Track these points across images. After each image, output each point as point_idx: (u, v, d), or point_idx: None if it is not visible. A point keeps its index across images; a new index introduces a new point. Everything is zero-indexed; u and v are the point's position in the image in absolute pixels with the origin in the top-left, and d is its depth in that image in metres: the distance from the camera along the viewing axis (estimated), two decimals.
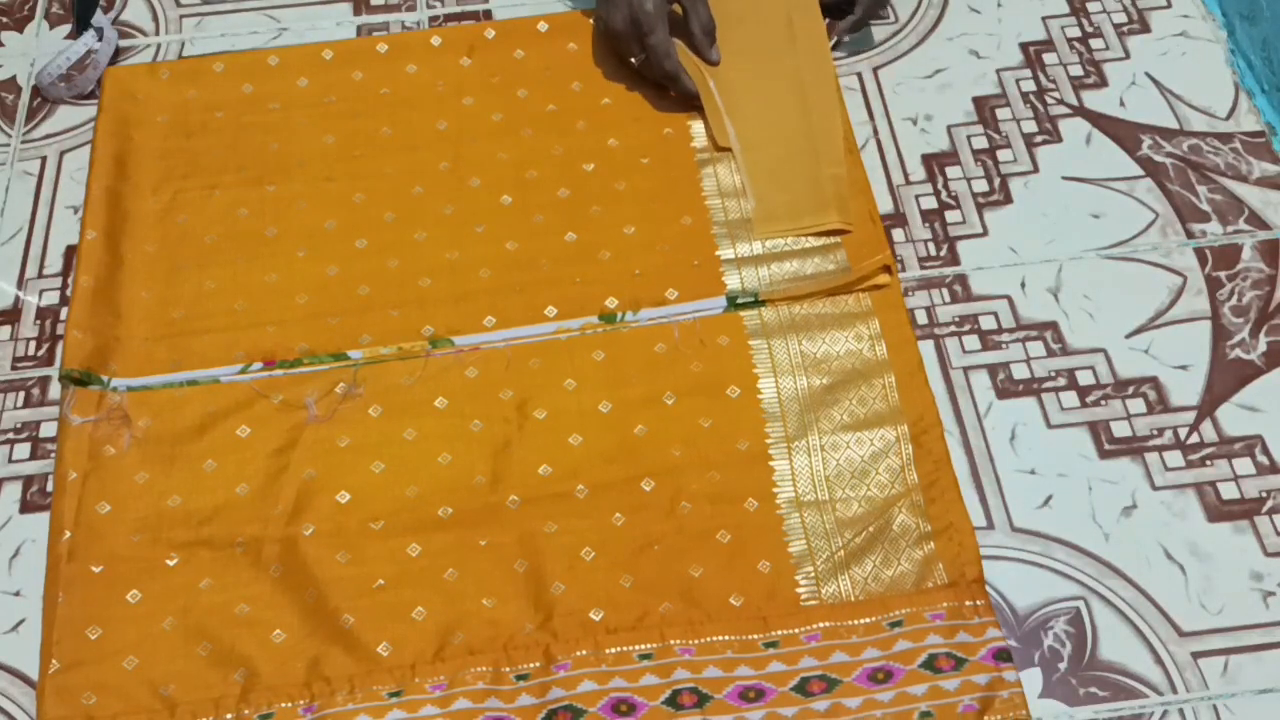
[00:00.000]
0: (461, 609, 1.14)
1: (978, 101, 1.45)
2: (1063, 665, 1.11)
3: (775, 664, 1.11)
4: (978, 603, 1.14)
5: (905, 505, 1.19)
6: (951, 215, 1.36)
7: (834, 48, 1.48)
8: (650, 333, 1.28)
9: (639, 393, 1.25)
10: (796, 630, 1.13)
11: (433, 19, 1.54)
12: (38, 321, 1.32)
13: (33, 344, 1.31)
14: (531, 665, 1.11)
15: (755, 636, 1.13)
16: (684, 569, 1.16)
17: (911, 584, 1.15)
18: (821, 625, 1.13)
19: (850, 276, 1.29)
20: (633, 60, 1.43)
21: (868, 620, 1.13)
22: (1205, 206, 1.36)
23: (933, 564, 1.16)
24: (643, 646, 1.12)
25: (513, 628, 1.13)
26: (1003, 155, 1.41)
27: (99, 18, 1.51)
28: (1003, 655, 1.10)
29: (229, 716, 1.09)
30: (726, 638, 1.13)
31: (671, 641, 1.12)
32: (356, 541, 1.17)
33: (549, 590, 1.15)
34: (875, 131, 1.43)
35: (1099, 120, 1.43)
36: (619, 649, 1.12)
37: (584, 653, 1.11)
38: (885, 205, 1.37)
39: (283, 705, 1.09)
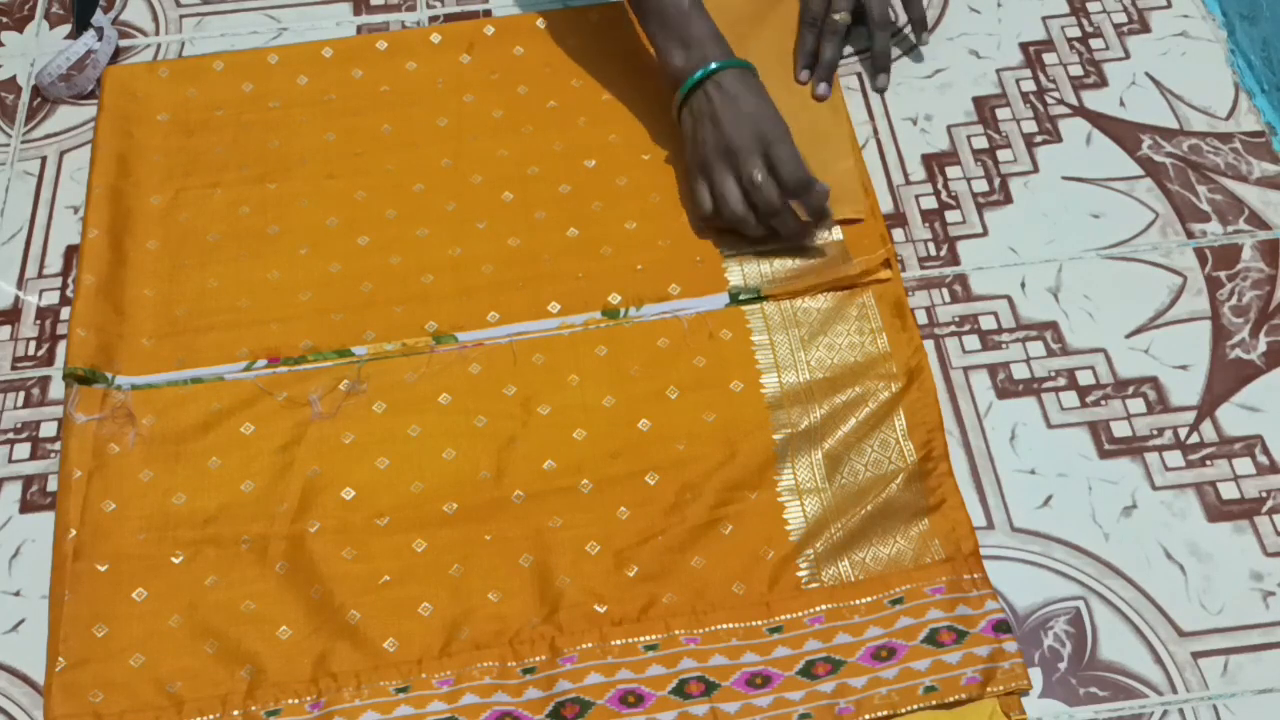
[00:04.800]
0: (467, 604, 1.14)
1: (978, 101, 1.45)
2: (1063, 665, 1.11)
3: (780, 649, 1.11)
4: (975, 575, 1.14)
5: (901, 481, 1.20)
6: (951, 215, 1.37)
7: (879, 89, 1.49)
8: (653, 328, 1.28)
9: (642, 387, 1.25)
10: (800, 614, 1.13)
11: (433, 19, 1.54)
12: (38, 321, 1.32)
13: (33, 344, 1.31)
14: (538, 659, 1.11)
15: (759, 623, 1.13)
16: (686, 560, 1.16)
17: (910, 561, 1.16)
18: (824, 607, 1.14)
19: (853, 270, 1.30)
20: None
21: (869, 599, 1.14)
22: (1205, 206, 1.36)
23: (929, 540, 1.17)
24: (648, 638, 1.12)
25: (519, 622, 1.13)
26: (1003, 155, 1.41)
27: (99, 17, 1.50)
28: (1002, 627, 1.11)
29: (236, 713, 1.09)
30: (731, 625, 1.13)
31: (676, 631, 1.12)
32: (362, 538, 1.17)
33: (554, 584, 1.15)
34: (875, 131, 1.44)
35: (1099, 120, 1.43)
36: (624, 641, 1.12)
37: (589, 645, 1.11)
38: (885, 205, 1.37)
39: (289, 701, 1.09)
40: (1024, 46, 1.50)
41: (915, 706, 1.08)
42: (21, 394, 1.28)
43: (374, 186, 1.39)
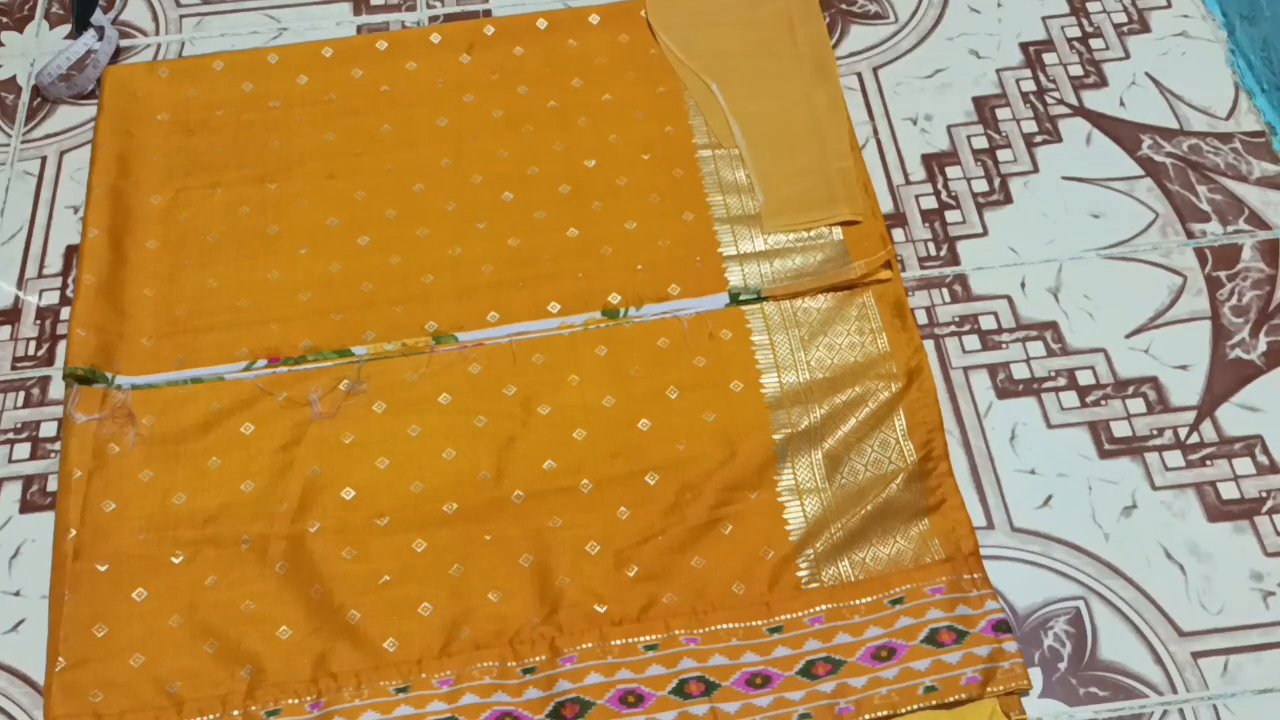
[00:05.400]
0: (467, 604, 1.14)
1: (978, 101, 1.45)
2: (1063, 665, 1.11)
3: (780, 649, 1.11)
4: (975, 575, 1.15)
5: (901, 481, 1.20)
6: (951, 215, 1.37)
7: None
8: (653, 328, 1.28)
9: (642, 387, 1.25)
10: (800, 614, 1.14)
11: (433, 19, 1.54)
12: (38, 321, 1.32)
13: (33, 344, 1.31)
14: (538, 659, 1.11)
15: (759, 623, 1.13)
16: (686, 560, 1.17)
17: (910, 561, 1.16)
18: (824, 607, 1.14)
19: (854, 273, 1.30)
20: None
21: (869, 599, 1.14)
22: (1205, 206, 1.36)
23: (929, 540, 1.17)
24: (648, 638, 1.12)
25: (519, 622, 1.14)
26: (1003, 155, 1.41)
27: (99, 17, 1.50)
28: (1002, 627, 1.11)
29: (236, 713, 1.09)
30: (731, 625, 1.13)
31: (676, 631, 1.13)
32: (362, 538, 1.18)
33: (554, 584, 1.15)
34: (875, 131, 1.44)
35: (1099, 120, 1.43)
36: (624, 641, 1.12)
37: (589, 645, 1.12)
38: (885, 205, 1.37)
39: (289, 701, 1.10)
40: (1024, 46, 1.50)
41: (915, 706, 1.08)
42: (21, 394, 1.28)
43: (374, 186, 1.39)
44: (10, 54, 1.53)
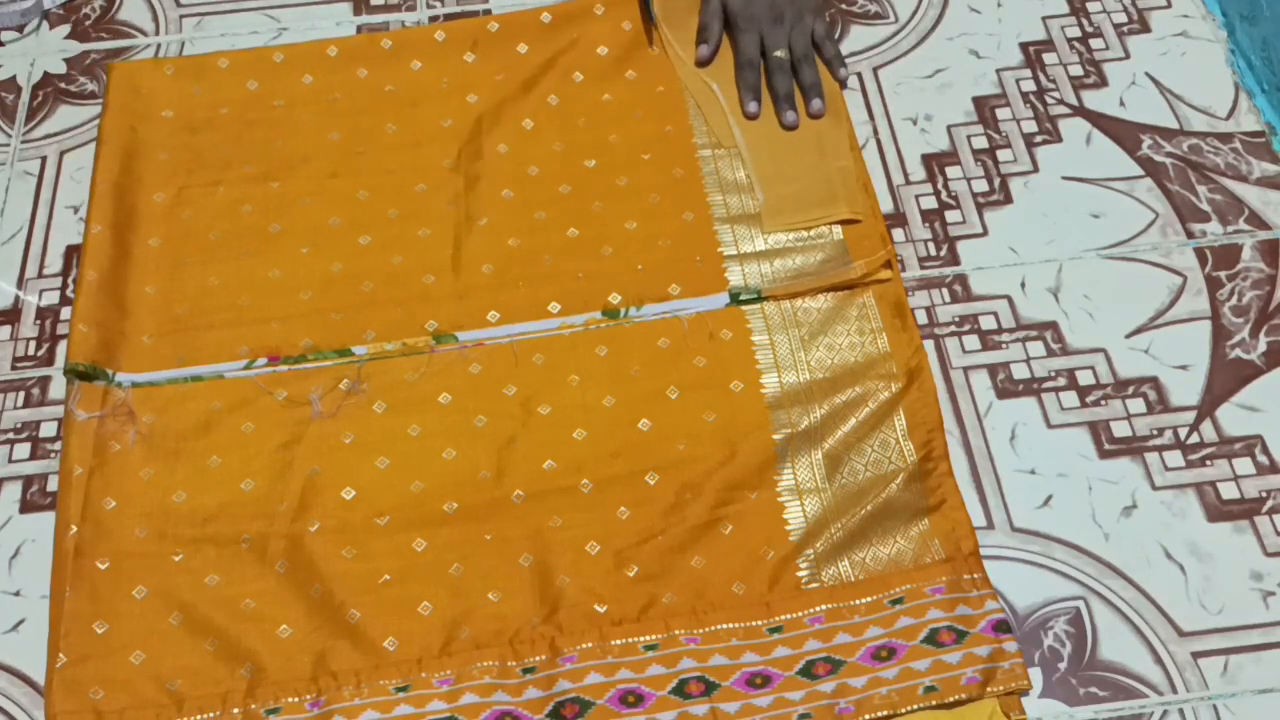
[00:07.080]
0: (467, 603, 1.14)
1: (978, 101, 1.45)
2: (1063, 665, 1.11)
3: (780, 649, 1.11)
4: (975, 575, 1.15)
5: (901, 481, 1.20)
6: (951, 215, 1.37)
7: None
8: (653, 328, 1.28)
9: (643, 387, 1.25)
10: (800, 614, 1.13)
11: (433, 18, 1.54)
12: (38, 321, 1.32)
13: (33, 344, 1.30)
14: (538, 658, 1.11)
15: (759, 623, 1.13)
16: (686, 560, 1.16)
17: (910, 561, 1.16)
18: (824, 607, 1.14)
19: (854, 273, 1.30)
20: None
21: (869, 599, 1.14)
22: (1205, 206, 1.36)
23: (929, 540, 1.17)
24: (648, 638, 1.12)
25: (518, 621, 1.13)
26: (1003, 155, 1.41)
27: None
28: (1002, 627, 1.11)
29: (236, 711, 1.09)
30: (731, 625, 1.13)
31: (676, 631, 1.12)
32: (362, 537, 1.17)
33: (554, 584, 1.15)
34: (875, 131, 1.44)
35: (1099, 120, 1.43)
36: (624, 641, 1.12)
37: (589, 645, 1.11)
38: (885, 205, 1.37)
39: (289, 700, 1.09)
40: (1024, 46, 1.50)
41: (915, 706, 1.08)
42: (21, 394, 1.27)
43: (376, 186, 1.39)
44: (10, 54, 1.53)
